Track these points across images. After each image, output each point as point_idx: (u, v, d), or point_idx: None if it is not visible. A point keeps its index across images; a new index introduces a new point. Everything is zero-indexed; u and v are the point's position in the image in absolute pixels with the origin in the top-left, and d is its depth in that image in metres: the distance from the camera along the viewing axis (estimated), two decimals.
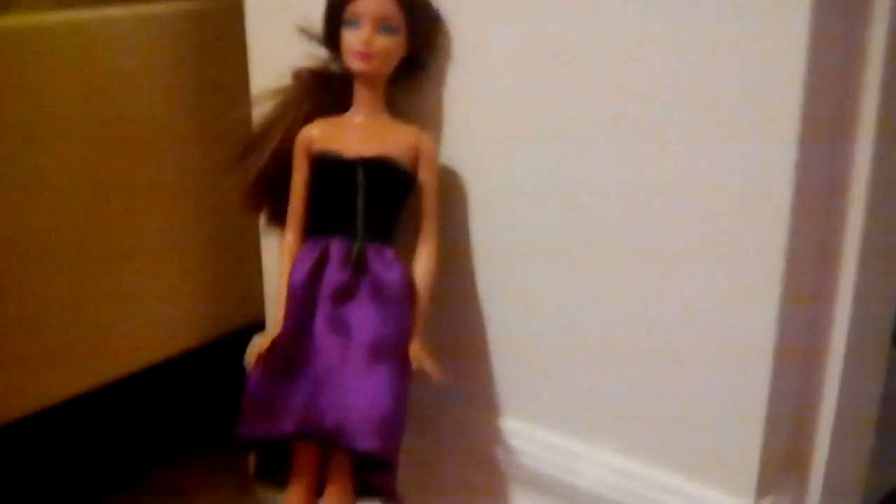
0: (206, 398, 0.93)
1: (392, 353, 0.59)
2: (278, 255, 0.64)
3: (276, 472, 0.64)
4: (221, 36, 0.82)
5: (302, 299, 0.61)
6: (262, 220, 0.69)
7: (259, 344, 0.61)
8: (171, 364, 0.89)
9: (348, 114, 0.62)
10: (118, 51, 0.78)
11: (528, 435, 0.65)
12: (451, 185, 0.64)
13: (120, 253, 0.81)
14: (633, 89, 0.54)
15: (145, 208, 0.83)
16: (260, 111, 0.66)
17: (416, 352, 0.60)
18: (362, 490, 0.62)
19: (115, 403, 0.90)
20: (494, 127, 0.62)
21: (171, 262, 0.87)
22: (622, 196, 0.56)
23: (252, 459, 0.65)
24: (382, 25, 0.59)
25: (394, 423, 0.58)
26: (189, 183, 0.86)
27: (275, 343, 0.60)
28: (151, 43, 0.81)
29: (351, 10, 0.59)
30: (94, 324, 0.80)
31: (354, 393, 0.58)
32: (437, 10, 0.61)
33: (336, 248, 0.61)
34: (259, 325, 0.84)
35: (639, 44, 0.53)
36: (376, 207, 0.61)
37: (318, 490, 0.61)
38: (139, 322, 0.84)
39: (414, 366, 0.60)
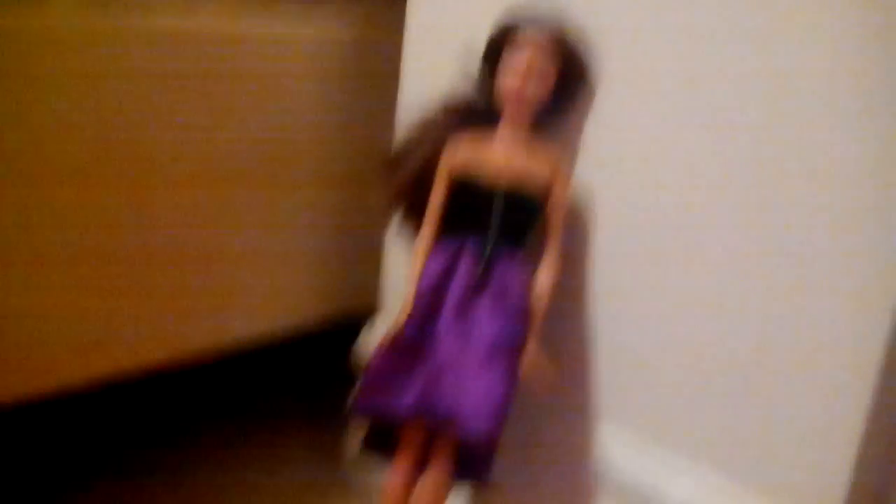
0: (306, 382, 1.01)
1: (508, 353, 0.64)
2: (413, 246, 0.70)
3: (381, 447, 0.69)
4: (376, 62, 0.92)
5: (432, 291, 0.66)
6: (399, 215, 0.74)
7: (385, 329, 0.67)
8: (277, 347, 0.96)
9: (496, 133, 0.67)
10: (287, 60, 0.89)
11: (624, 444, 0.69)
12: (577, 204, 0.70)
13: (259, 221, 0.90)
14: (769, 146, 0.59)
15: (289, 189, 0.91)
16: (405, 127, 0.73)
17: (531, 354, 0.65)
18: (460, 472, 0.67)
19: (223, 377, 0.98)
20: (626, 158, 0.67)
21: (302, 237, 0.95)
22: (741, 223, 0.61)
23: (361, 431, 0.70)
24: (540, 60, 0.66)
25: (501, 416, 0.63)
26: (330, 173, 0.95)
27: (402, 328, 0.66)
28: (314, 60, 0.91)
29: (514, 40, 0.66)
30: (218, 286, 0.88)
31: (470, 384, 0.63)
32: (589, 52, 0.67)
33: (470, 248, 0.66)
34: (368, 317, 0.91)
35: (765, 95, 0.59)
36: (510, 225, 0.66)
37: (419, 467, 0.66)
38: (262, 289, 0.92)
39: (527, 367, 0.65)
